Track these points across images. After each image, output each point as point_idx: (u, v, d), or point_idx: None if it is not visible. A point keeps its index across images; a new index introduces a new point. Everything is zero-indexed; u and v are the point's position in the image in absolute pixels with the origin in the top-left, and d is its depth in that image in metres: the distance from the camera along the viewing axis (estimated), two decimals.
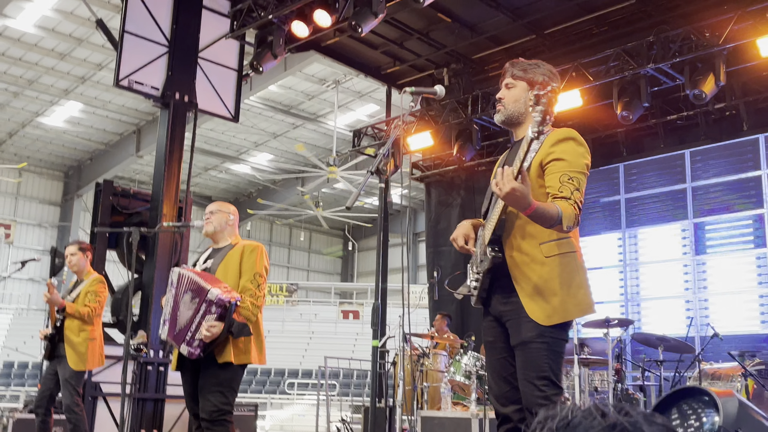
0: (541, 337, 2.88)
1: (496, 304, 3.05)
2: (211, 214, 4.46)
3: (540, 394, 2.82)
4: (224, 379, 4.11)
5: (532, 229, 2.94)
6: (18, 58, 18.43)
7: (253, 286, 4.20)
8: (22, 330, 22.36)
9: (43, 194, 26.58)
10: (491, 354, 3.11)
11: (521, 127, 3.14)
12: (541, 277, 2.91)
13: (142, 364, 8.59)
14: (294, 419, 17.81)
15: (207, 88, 9.93)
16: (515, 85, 3.12)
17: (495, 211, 2.95)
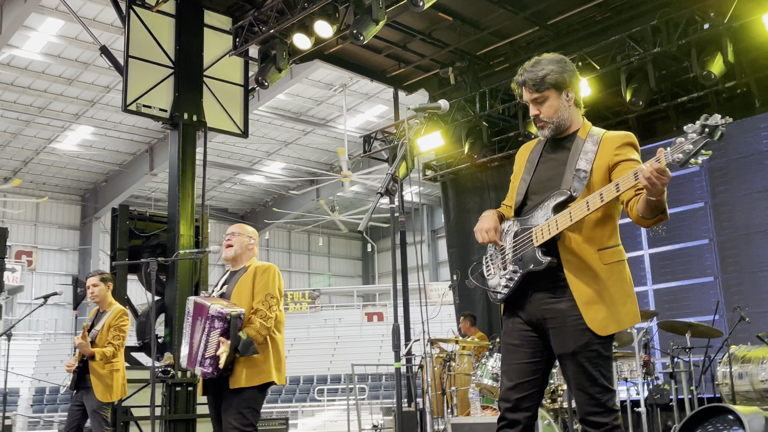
0: (596, 345, 2.82)
1: (535, 308, 2.93)
2: (232, 236, 4.45)
3: (594, 403, 2.79)
4: (243, 401, 4.11)
5: (592, 234, 2.88)
6: (27, 87, 18.62)
7: (264, 307, 4.19)
8: (51, 356, 22.58)
9: (61, 219, 26.82)
10: (511, 357, 2.98)
11: (569, 129, 3.05)
12: (600, 284, 2.84)
13: (171, 385, 8.64)
14: (326, 425, 17.85)
15: (215, 106, 9.97)
16: (545, 96, 2.99)
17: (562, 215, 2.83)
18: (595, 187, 2.86)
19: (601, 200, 2.75)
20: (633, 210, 2.83)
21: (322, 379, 21.76)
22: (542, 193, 2.99)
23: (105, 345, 5.81)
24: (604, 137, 2.98)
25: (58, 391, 20.36)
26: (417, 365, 9.86)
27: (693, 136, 2.50)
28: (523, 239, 2.96)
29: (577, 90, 3.04)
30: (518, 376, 2.94)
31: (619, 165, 2.89)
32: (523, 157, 3.19)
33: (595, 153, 2.93)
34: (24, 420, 18.57)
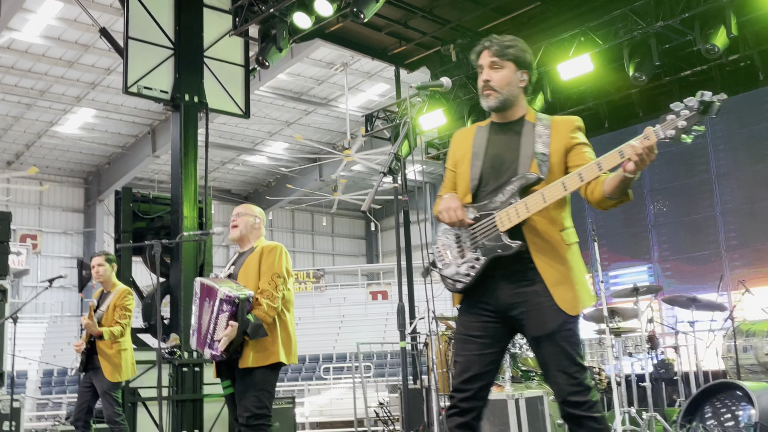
0: (568, 325, 2.85)
1: (504, 294, 2.91)
2: (237, 216, 4.44)
3: (575, 382, 2.81)
4: (256, 383, 4.12)
5: (554, 215, 2.90)
6: (27, 70, 18.56)
7: (270, 287, 4.17)
8: (58, 338, 22.71)
9: (65, 202, 26.85)
10: (469, 348, 2.93)
11: (512, 109, 3.04)
12: (565, 265, 2.88)
13: (178, 366, 8.69)
14: (332, 404, 17.96)
15: (216, 87, 9.93)
16: (503, 65, 2.99)
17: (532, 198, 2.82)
18: (554, 170, 2.90)
19: (581, 180, 2.76)
20: (596, 191, 2.83)
21: (327, 358, 21.87)
22: (498, 178, 2.96)
23: (112, 325, 5.84)
24: (554, 121, 3.01)
25: (66, 373, 20.50)
26: (422, 343, 9.91)
27: (686, 112, 2.50)
28: (484, 225, 2.92)
29: (531, 78, 3.06)
30: (477, 366, 2.93)
31: (576, 148, 2.93)
32: (464, 144, 3.12)
33: (549, 136, 2.94)
34: (33, 402, 18.71)
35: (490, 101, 3.00)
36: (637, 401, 7.54)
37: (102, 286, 6.14)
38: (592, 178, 2.75)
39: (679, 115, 2.52)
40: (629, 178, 2.68)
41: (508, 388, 5.87)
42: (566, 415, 2.84)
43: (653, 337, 6.99)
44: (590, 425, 2.79)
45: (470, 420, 2.92)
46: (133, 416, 8.38)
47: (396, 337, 5.35)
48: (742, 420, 3.27)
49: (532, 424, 5.49)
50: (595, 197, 2.84)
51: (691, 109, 2.50)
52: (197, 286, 4.28)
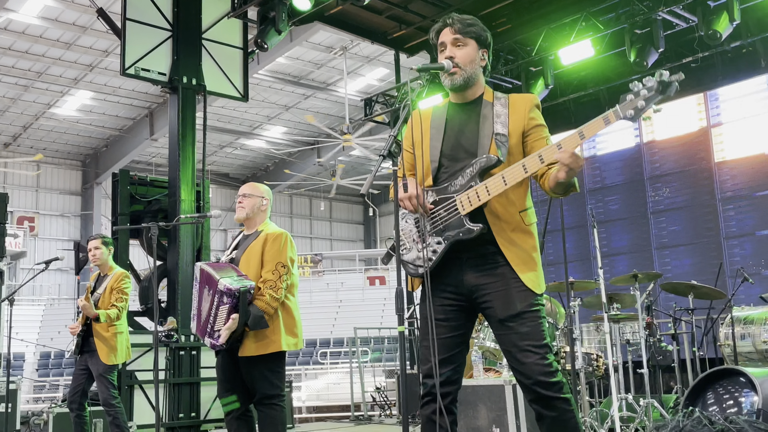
0: (535, 305, 2.84)
1: (469, 277, 2.88)
2: (243, 197, 4.33)
3: (545, 363, 2.78)
4: (263, 367, 4.09)
5: (513, 196, 2.88)
6: (24, 51, 18.44)
7: (273, 277, 4.09)
8: (55, 321, 22.71)
9: (62, 185, 26.77)
10: (438, 332, 2.88)
11: (472, 89, 3.01)
12: (528, 244, 2.89)
13: (175, 349, 8.68)
14: (329, 388, 18.01)
15: (214, 69, 9.87)
16: (466, 42, 2.97)
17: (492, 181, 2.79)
18: (513, 151, 2.88)
19: (542, 162, 2.75)
20: (544, 184, 2.88)
21: (324, 343, 21.91)
22: (457, 160, 2.94)
23: (108, 307, 5.81)
24: (511, 99, 2.98)
25: (63, 356, 20.52)
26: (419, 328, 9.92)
27: (645, 92, 2.52)
28: (444, 208, 2.89)
29: (489, 58, 3.06)
30: (445, 350, 2.89)
31: (533, 130, 2.92)
32: (422, 124, 3.06)
33: (508, 116, 2.92)
34: (29, 384, 18.75)
35: (455, 79, 2.97)
36: (634, 388, 7.55)
37: (99, 269, 6.10)
38: (552, 161, 2.74)
39: (638, 95, 2.54)
40: (565, 182, 2.74)
41: (506, 374, 5.87)
42: (536, 397, 2.79)
43: (651, 324, 6.98)
44: (561, 406, 2.77)
45: (446, 404, 2.89)
46: (130, 399, 8.38)
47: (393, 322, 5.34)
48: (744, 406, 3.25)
49: (530, 410, 5.46)
50: (546, 188, 2.89)
51: (650, 89, 2.52)
52: (197, 271, 4.20)
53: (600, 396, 7.44)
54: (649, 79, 2.51)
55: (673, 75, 2.50)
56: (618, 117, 2.57)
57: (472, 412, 5.58)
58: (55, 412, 7.36)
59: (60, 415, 7.35)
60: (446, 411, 2.88)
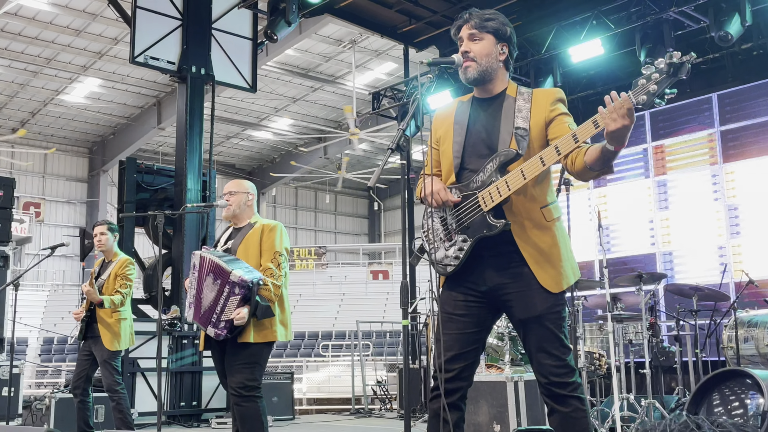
0: (555, 306, 2.81)
1: (491, 275, 2.86)
2: (230, 195, 4.42)
3: (562, 364, 2.79)
4: (248, 356, 4.11)
5: (534, 192, 2.84)
6: (34, 37, 18.47)
7: (273, 265, 4.19)
8: (58, 306, 22.77)
9: (69, 171, 26.83)
10: (453, 327, 2.89)
11: (492, 83, 2.97)
12: (546, 242, 2.83)
13: (177, 338, 8.71)
14: (330, 380, 18.03)
15: (223, 59, 9.87)
16: (482, 37, 2.94)
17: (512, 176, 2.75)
18: (534, 144, 2.84)
19: (558, 153, 2.69)
20: (577, 161, 2.73)
21: (326, 335, 21.93)
22: (479, 155, 2.91)
23: (112, 293, 5.82)
24: (535, 93, 2.94)
25: (66, 341, 20.58)
26: (422, 323, 9.92)
27: (656, 75, 2.45)
28: (468, 206, 2.87)
29: (511, 51, 3.00)
30: (460, 346, 2.89)
31: (555, 119, 2.86)
32: (446, 120, 3.07)
33: (530, 110, 2.89)
34: (32, 369, 18.82)
35: (469, 72, 2.94)
36: (636, 388, 7.55)
37: (104, 255, 6.11)
38: (568, 151, 2.69)
39: (649, 79, 2.47)
40: (611, 151, 2.60)
41: (508, 371, 5.87)
42: (550, 394, 2.80)
43: (654, 325, 6.97)
44: (574, 404, 2.77)
45: (455, 400, 2.88)
46: (132, 386, 8.42)
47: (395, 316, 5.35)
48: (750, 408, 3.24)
49: (530, 406, 5.49)
50: (576, 167, 2.75)
51: (661, 72, 2.45)
52: (196, 259, 4.24)
53: (601, 395, 7.43)
54: (660, 62, 2.46)
55: (684, 56, 2.44)
56: (630, 101, 2.49)
57: (473, 407, 5.59)
58: (57, 398, 7.38)
59: (62, 400, 7.38)
60: (454, 407, 2.87)
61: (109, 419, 7.34)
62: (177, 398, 8.59)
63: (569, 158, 2.76)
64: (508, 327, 6.27)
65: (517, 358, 6.28)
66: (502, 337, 6.35)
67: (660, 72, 2.45)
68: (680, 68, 2.43)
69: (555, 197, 2.94)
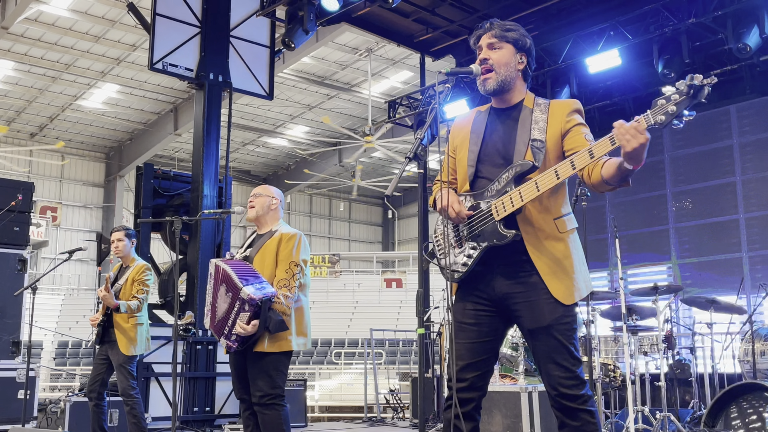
0: (565, 317, 2.80)
1: (500, 284, 2.87)
2: (254, 197, 4.42)
3: (571, 376, 2.78)
4: (268, 365, 4.11)
5: (548, 203, 2.84)
6: (53, 43, 18.65)
7: (287, 276, 4.14)
8: (73, 310, 22.92)
9: (86, 176, 27.03)
10: (465, 336, 2.90)
11: (510, 94, 2.99)
12: (559, 253, 2.82)
13: (192, 344, 8.74)
14: (342, 388, 18.02)
15: (240, 67, 9.92)
16: (502, 46, 2.97)
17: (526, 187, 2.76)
18: (550, 156, 2.85)
19: (573, 168, 2.70)
20: (594, 173, 2.75)
21: (339, 343, 21.93)
22: (495, 165, 2.92)
23: (129, 299, 5.86)
24: (552, 104, 2.95)
25: (81, 345, 20.70)
26: (436, 332, 9.90)
27: (676, 97, 2.45)
28: (480, 214, 2.88)
29: (530, 62, 3.01)
30: (472, 355, 2.89)
31: (572, 130, 2.87)
32: (463, 129, 3.09)
33: (546, 121, 2.89)
34: (47, 373, 18.92)
35: (488, 84, 2.96)
36: (651, 400, 7.49)
37: (121, 260, 6.15)
38: (583, 166, 2.70)
39: (669, 100, 2.47)
40: (628, 170, 2.62)
41: (522, 381, 5.85)
42: (560, 407, 2.79)
43: (670, 337, 6.93)
44: (584, 418, 2.76)
45: (469, 410, 2.88)
46: (146, 391, 8.45)
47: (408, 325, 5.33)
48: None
49: (545, 417, 5.46)
50: (593, 180, 2.76)
51: (681, 93, 2.45)
52: (212, 268, 4.24)
53: (615, 407, 7.39)
54: (681, 83, 2.46)
55: (705, 79, 2.45)
56: (648, 122, 2.50)
57: (486, 417, 5.57)
58: (72, 401, 7.42)
59: (77, 404, 7.41)
60: (468, 417, 2.87)
61: (123, 424, 7.36)
62: (190, 404, 8.61)
63: (586, 170, 2.77)
64: (522, 337, 6.25)
65: (532, 369, 6.25)
66: (516, 348, 6.33)
67: (680, 93, 2.46)
68: (700, 91, 2.44)
69: (570, 209, 2.95)
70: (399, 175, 2.87)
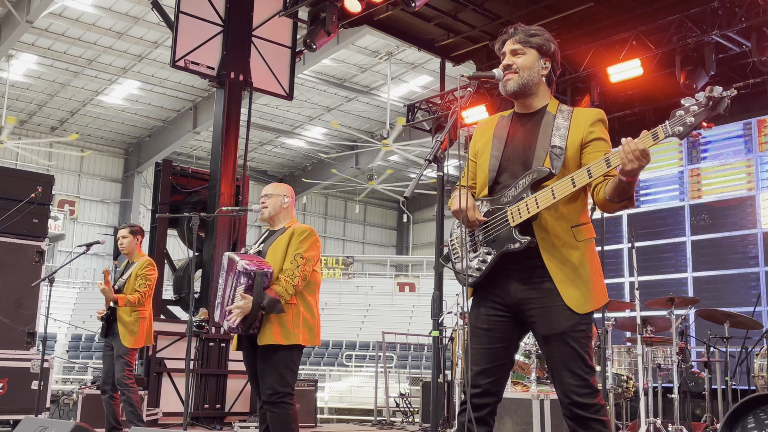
0: (579, 325, 2.78)
1: (515, 290, 2.85)
2: (266, 197, 4.44)
3: (584, 384, 2.76)
4: (278, 361, 4.11)
5: (564, 210, 2.82)
6: (77, 38, 18.82)
7: (292, 266, 4.16)
8: (88, 304, 23.04)
9: (104, 171, 27.24)
10: (480, 342, 2.89)
11: (533, 99, 2.97)
12: (575, 262, 2.80)
13: (204, 340, 8.77)
14: (352, 391, 18.02)
15: (261, 66, 9.97)
16: (525, 52, 2.96)
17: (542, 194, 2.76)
18: (570, 163, 2.83)
19: (590, 176, 2.70)
20: (599, 192, 2.78)
21: (351, 345, 21.94)
22: (514, 171, 2.91)
23: (132, 293, 5.97)
24: (576, 112, 2.94)
25: (94, 339, 20.84)
26: (448, 337, 9.88)
27: (695, 108, 2.45)
28: (496, 219, 2.87)
29: (554, 67, 3.01)
30: (486, 360, 2.87)
31: (592, 143, 2.86)
32: (486, 134, 3.07)
33: (568, 129, 2.88)
34: (60, 364, 19.05)
35: (509, 85, 2.94)
36: (663, 413, 7.44)
37: (127, 256, 6.28)
38: (599, 174, 2.70)
39: (688, 111, 2.47)
40: (625, 182, 2.63)
41: (534, 389, 5.83)
42: (572, 415, 2.77)
43: (684, 350, 6.88)
44: (596, 427, 2.74)
45: (483, 415, 2.86)
46: (158, 386, 8.49)
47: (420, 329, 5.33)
48: None
49: (556, 426, 5.44)
50: (599, 198, 2.78)
51: (700, 105, 2.44)
52: (225, 261, 4.31)
53: (627, 419, 7.34)
54: (700, 95, 2.46)
55: (725, 91, 2.44)
56: (666, 133, 2.49)
57: (497, 424, 5.54)
58: (84, 393, 7.47)
59: (89, 396, 7.46)
60: (482, 422, 2.85)
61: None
62: (201, 400, 8.64)
63: (595, 189, 2.80)
64: (535, 345, 6.23)
65: (544, 377, 6.23)
66: (529, 355, 6.31)
67: (699, 105, 2.45)
68: (720, 103, 2.43)
69: (588, 218, 2.92)
70: (418, 177, 2.88)
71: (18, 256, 7.61)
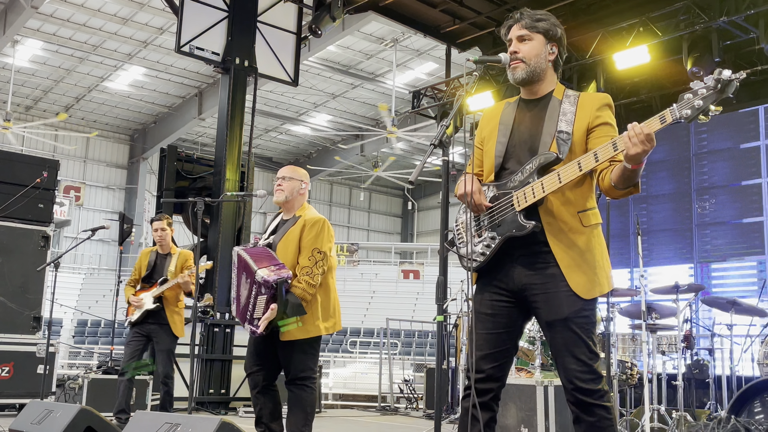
0: (584, 311, 2.77)
1: (519, 274, 2.84)
2: (282, 180, 4.32)
3: (587, 370, 2.75)
4: (299, 349, 4.12)
5: (571, 195, 2.82)
6: (82, 24, 18.77)
7: (310, 263, 4.08)
8: (93, 290, 23.16)
9: (110, 157, 27.27)
10: (484, 327, 2.89)
11: (539, 84, 2.96)
12: (581, 247, 2.79)
13: (209, 326, 8.81)
14: (357, 377, 18.06)
15: (266, 52, 9.95)
16: (532, 37, 2.92)
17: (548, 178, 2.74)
18: (576, 148, 2.82)
19: (596, 160, 2.69)
20: (605, 179, 2.77)
21: (355, 332, 21.99)
22: (521, 156, 2.91)
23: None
24: (582, 97, 2.93)
25: (100, 324, 20.92)
26: (452, 324, 9.90)
27: (703, 91, 2.43)
28: (502, 204, 2.87)
29: (561, 52, 2.99)
30: (490, 346, 2.87)
31: (598, 128, 2.85)
32: (492, 121, 3.06)
33: (574, 114, 2.87)
34: (65, 350, 19.15)
35: (517, 72, 2.93)
36: (667, 400, 7.46)
37: (160, 248, 6.28)
38: (605, 159, 2.69)
39: (696, 94, 2.45)
40: (630, 169, 2.62)
41: (538, 375, 5.84)
42: (575, 401, 2.77)
43: (689, 337, 6.88)
44: (600, 413, 2.74)
45: (487, 401, 2.87)
46: None
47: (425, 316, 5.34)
48: None
49: (560, 412, 5.45)
50: (605, 184, 2.77)
51: (708, 88, 2.43)
52: (235, 257, 4.22)
53: (631, 406, 7.36)
54: (709, 78, 2.44)
55: (733, 74, 2.42)
56: (674, 116, 2.48)
57: (501, 410, 5.55)
58: (90, 378, 7.51)
59: (95, 380, 7.51)
60: (486, 407, 2.86)
61: (140, 402, 7.46)
62: (206, 385, 8.68)
63: (600, 174, 2.79)
64: (539, 331, 6.23)
65: (548, 363, 6.24)
66: (533, 341, 6.31)
67: (707, 88, 2.44)
68: (728, 86, 2.42)
69: (595, 204, 2.91)
70: (423, 162, 2.87)
71: (24, 241, 7.64)
